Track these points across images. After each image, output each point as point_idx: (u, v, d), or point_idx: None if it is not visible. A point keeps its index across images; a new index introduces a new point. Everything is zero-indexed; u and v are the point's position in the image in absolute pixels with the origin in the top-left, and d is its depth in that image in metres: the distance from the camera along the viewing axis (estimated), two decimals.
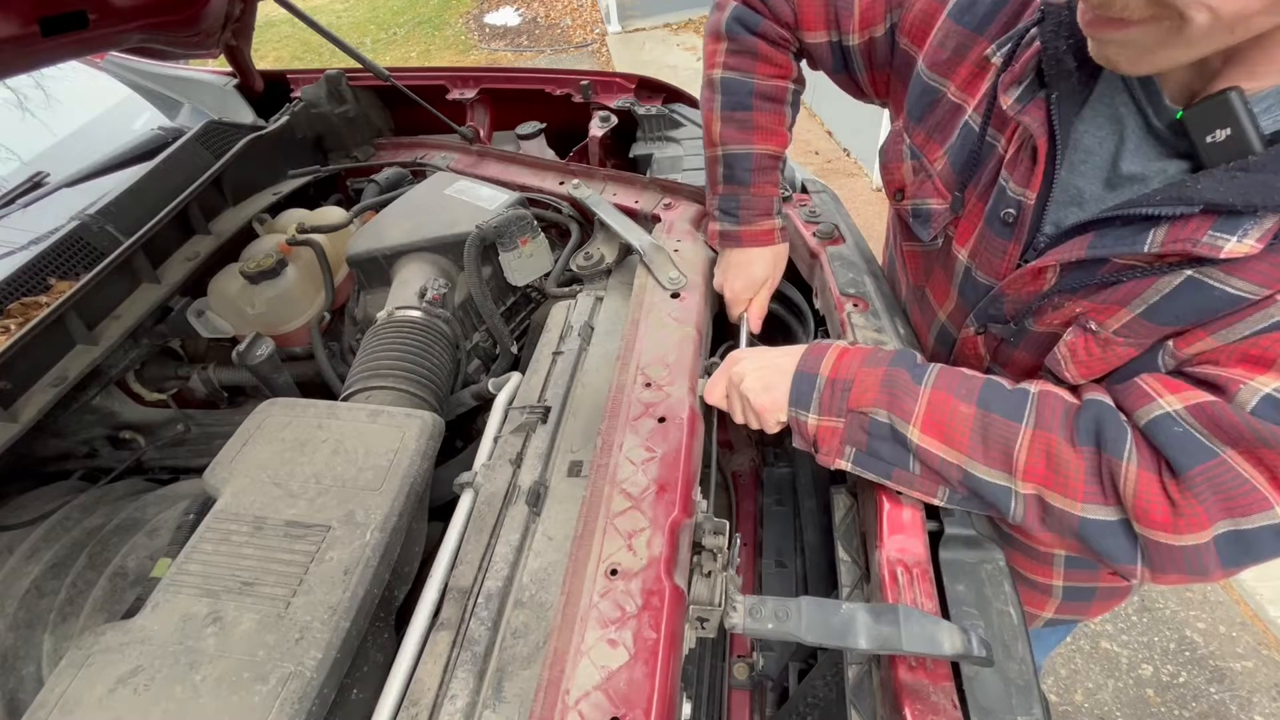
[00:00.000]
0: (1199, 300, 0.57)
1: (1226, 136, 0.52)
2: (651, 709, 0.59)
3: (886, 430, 0.69)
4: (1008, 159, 0.69)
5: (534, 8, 8.12)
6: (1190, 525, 0.56)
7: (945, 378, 0.70)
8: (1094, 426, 0.61)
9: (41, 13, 1.15)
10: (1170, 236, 0.55)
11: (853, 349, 0.76)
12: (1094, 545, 0.62)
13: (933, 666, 0.62)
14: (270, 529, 0.80)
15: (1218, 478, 0.55)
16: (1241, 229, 0.52)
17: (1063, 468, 0.61)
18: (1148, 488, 0.57)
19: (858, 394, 0.71)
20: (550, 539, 0.80)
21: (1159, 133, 0.59)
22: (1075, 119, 0.63)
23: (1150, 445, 0.59)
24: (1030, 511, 0.64)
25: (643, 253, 1.12)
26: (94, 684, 0.67)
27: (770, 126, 0.96)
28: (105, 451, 1.36)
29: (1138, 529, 0.59)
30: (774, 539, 1.21)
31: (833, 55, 0.90)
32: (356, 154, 1.82)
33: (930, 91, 0.77)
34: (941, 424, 0.67)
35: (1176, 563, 0.58)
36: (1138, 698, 1.93)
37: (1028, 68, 0.64)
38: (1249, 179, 0.51)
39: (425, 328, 1.16)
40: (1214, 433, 0.55)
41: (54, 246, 1.27)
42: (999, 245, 0.73)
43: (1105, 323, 0.64)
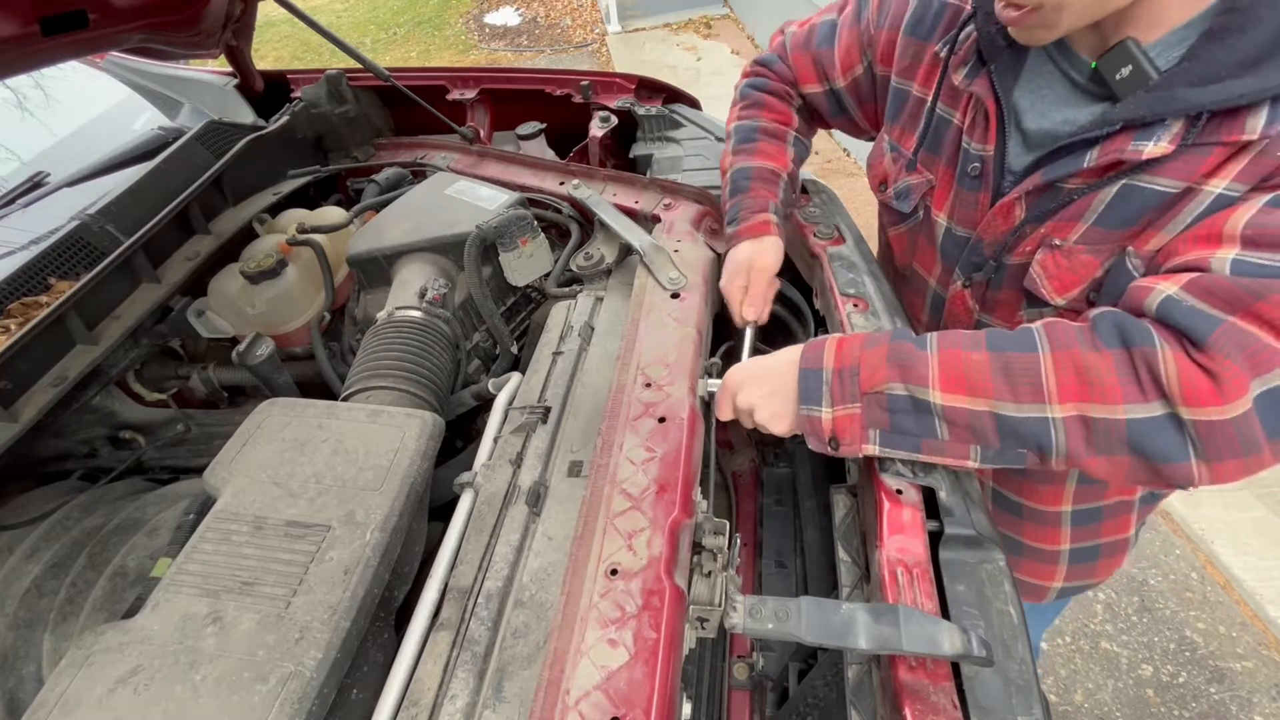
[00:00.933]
0: (1136, 200, 0.70)
1: (1130, 71, 0.67)
2: (651, 709, 0.59)
3: (906, 402, 0.70)
4: (966, 126, 0.84)
5: (534, 8, 8.12)
6: (1234, 389, 0.58)
7: (948, 337, 0.72)
8: (1115, 329, 0.64)
9: (41, 13, 1.15)
10: (1103, 153, 0.69)
11: (849, 337, 0.77)
12: (1146, 447, 0.62)
13: (933, 666, 0.62)
14: (270, 529, 0.80)
15: (1235, 337, 0.59)
16: (1155, 136, 0.66)
17: (1094, 375, 0.63)
18: (1186, 367, 0.59)
19: (867, 375, 0.72)
20: (550, 539, 0.80)
21: (1081, 85, 0.74)
22: (1014, 85, 0.79)
23: (1167, 327, 0.62)
24: (1073, 436, 0.64)
25: (643, 253, 1.12)
26: (94, 684, 0.67)
27: (771, 151, 1.07)
28: (105, 451, 1.36)
29: (1187, 414, 0.59)
30: (774, 539, 1.21)
31: (828, 102, 1.08)
32: (356, 154, 1.82)
33: (900, 94, 0.95)
34: (960, 377, 0.68)
35: (1231, 441, 0.59)
36: (1138, 698, 1.93)
37: (970, 52, 0.81)
38: (1151, 97, 0.66)
39: (425, 328, 1.16)
40: (1211, 302, 0.61)
41: (54, 246, 1.27)
42: (971, 198, 0.86)
43: (1066, 237, 0.76)
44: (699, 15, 6.94)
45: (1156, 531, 2.31)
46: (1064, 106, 0.76)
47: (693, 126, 1.64)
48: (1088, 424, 0.63)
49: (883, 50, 0.95)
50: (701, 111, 1.73)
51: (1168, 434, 0.61)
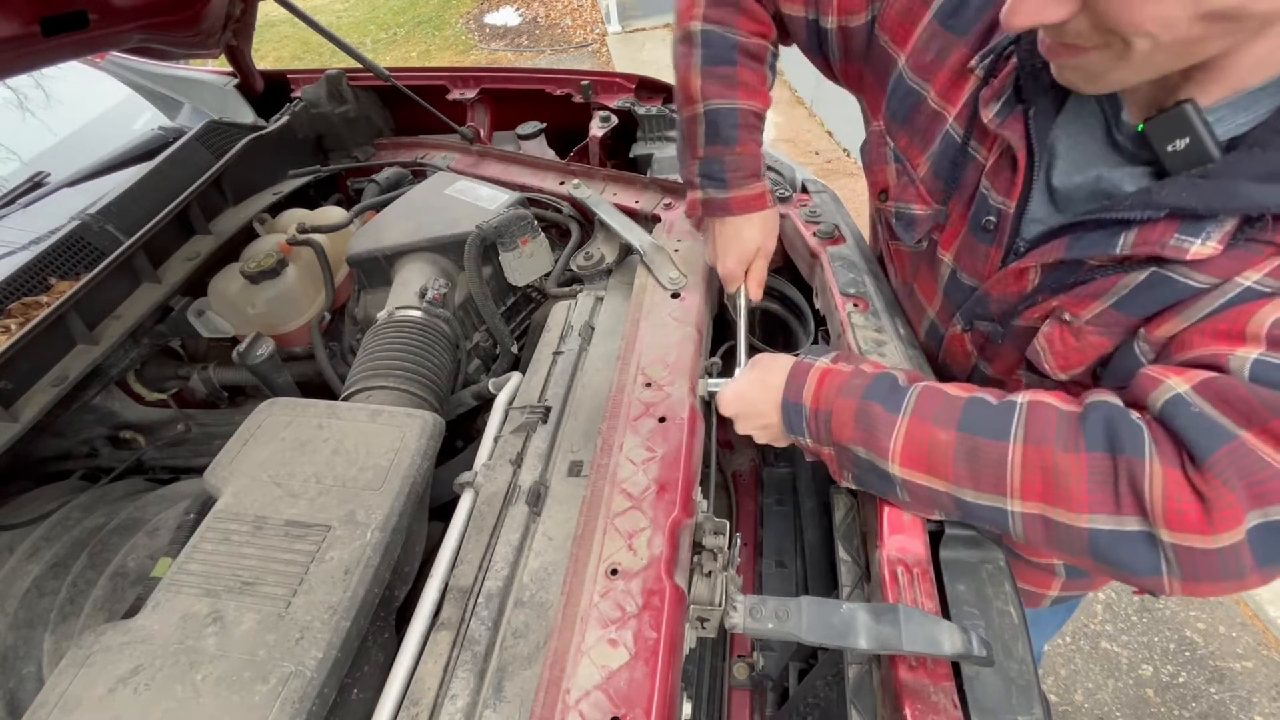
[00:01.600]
0: (1163, 292, 0.61)
1: (1186, 145, 0.55)
2: (652, 709, 0.59)
3: (868, 465, 0.69)
4: (988, 168, 0.72)
5: (534, 8, 8.12)
6: (1225, 521, 0.53)
7: (925, 402, 0.67)
8: (1104, 429, 0.58)
9: (42, 13, 1.15)
10: (1140, 239, 0.59)
11: (832, 371, 0.74)
12: (1108, 558, 0.58)
13: (933, 666, 0.62)
14: (270, 529, 0.80)
15: (1240, 460, 0.52)
16: (1204, 232, 0.56)
17: (1062, 480, 0.58)
18: (1176, 486, 0.54)
19: (837, 428, 0.71)
20: (550, 539, 0.80)
21: (1120, 145, 0.63)
22: (1050, 129, 0.67)
23: (1168, 433, 0.57)
24: (1032, 531, 0.62)
25: (643, 253, 1.12)
26: (94, 683, 0.67)
27: (754, 84, 0.90)
28: (105, 451, 1.36)
29: (1167, 537, 0.55)
30: (774, 539, 1.21)
31: (807, 32, 0.88)
32: (357, 154, 1.82)
33: (912, 95, 0.78)
34: (922, 455, 0.65)
35: (1212, 569, 0.54)
36: (1138, 698, 1.93)
37: (1007, 82, 0.67)
38: (1209, 185, 0.55)
39: (425, 328, 1.16)
40: (1224, 410, 0.54)
41: (54, 246, 1.27)
42: (982, 250, 0.76)
43: (1079, 314, 0.68)
44: None
45: None
46: (1098, 163, 0.65)
47: None
48: (1049, 524, 0.60)
49: (896, 19, 0.78)
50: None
51: (1137, 549, 0.57)
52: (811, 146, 4.66)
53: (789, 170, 1.27)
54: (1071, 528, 0.59)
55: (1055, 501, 0.59)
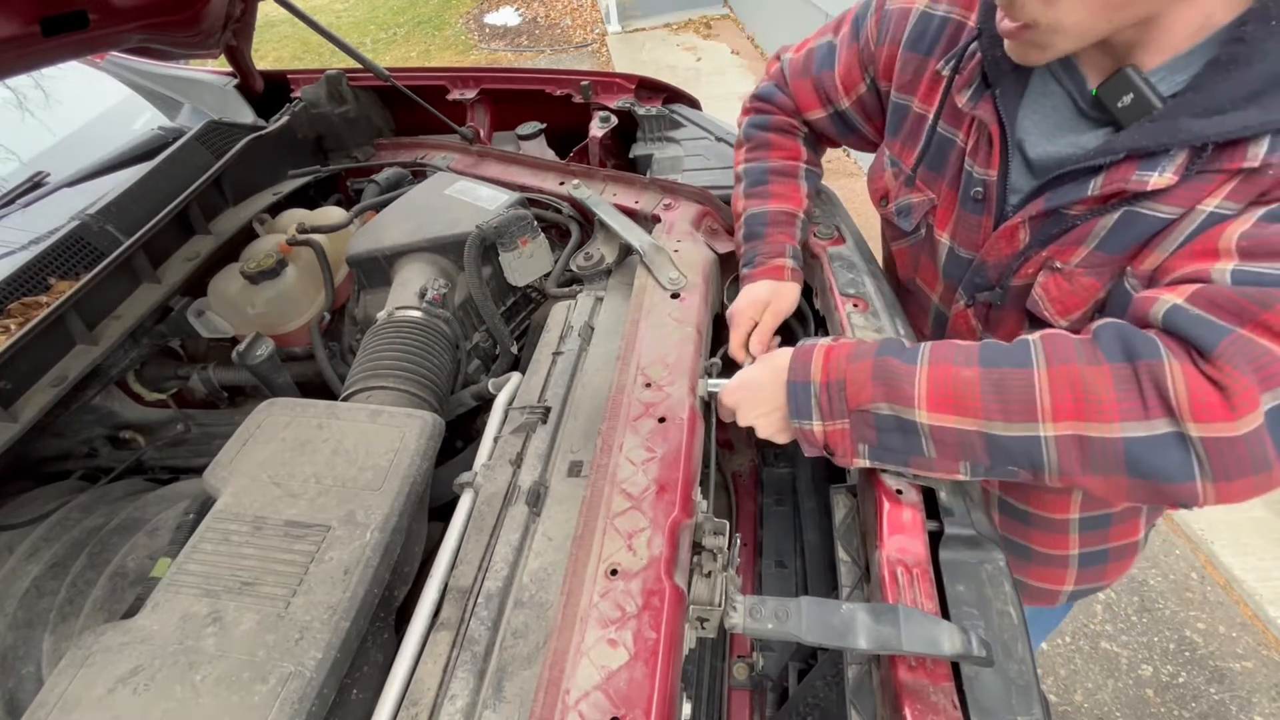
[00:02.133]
0: (1137, 227, 0.70)
1: (1131, 99, 0.67)
2: (651, 709, 0.59)
3: (892, 422, 0.69)
4: (969, 148, 0.83)
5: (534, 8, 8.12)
6: (1244, 403, 0.56)
7: (940, 350, 0.70)
8: (1118, 341, 0.62)
9: (41, 13, 1.15)
10: (1107, 181, 0.69)
11: (837, 345, 0.76)
12: (1145, 468, 0.60)
13: (933, 666, 0.62)
14: (270, 529, 0.80)
15: (1244, 348, 0.57)
16: (1160, 166, 0.65)
17: (1091, 392, 0.61)
18: (1194, 379, 0.58)
19: (854, 391, 0.71)
20: (550, 539, 0.80)
21: (1085, 110, 0.73)
22: (1018, 108, 0.77)
23: (1173, 337, 0.61)
24: (1067, 455, 0.62)
25: (643, 253, 1.12)
26: (94, 684, 0.67)
27: (784, 193, 1.06)
28: (105, 451, 1.36)
29: (1195, 431, 0.57)
30: (774, 539, 1.21)
31: (834, 124, 1.06)
32: (356, 154, 1.82)
33: (900, 109, 0.93)
34: (949, 396, 0.66)
35: (1241, 459, 0.57)
36: (1137, 698, 1.93)
37: (974, 74, 0.79)
38: (1155, 126, 0.65)
39: (425, 328, 1.16)
40: (1217, 313, 0.59)
41: (54, 246, 1.27)
42: (974, 221, 0.85)
43: (1068, 260, 0.76)
44: (699, 15, 6.94)
45: (1156, 531, 2.31)
46: (1068, 131, 0.75)
47: (693, 126, 1.64)
48: (1083, 443, 0.61)
49: (884, 66, 0.93)
50: (701, 111, 1.73)
51: (1170, 453, 0.59)
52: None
53: None
54: (1106, 440, 0.61)
55: (1088, 416, 0.61)
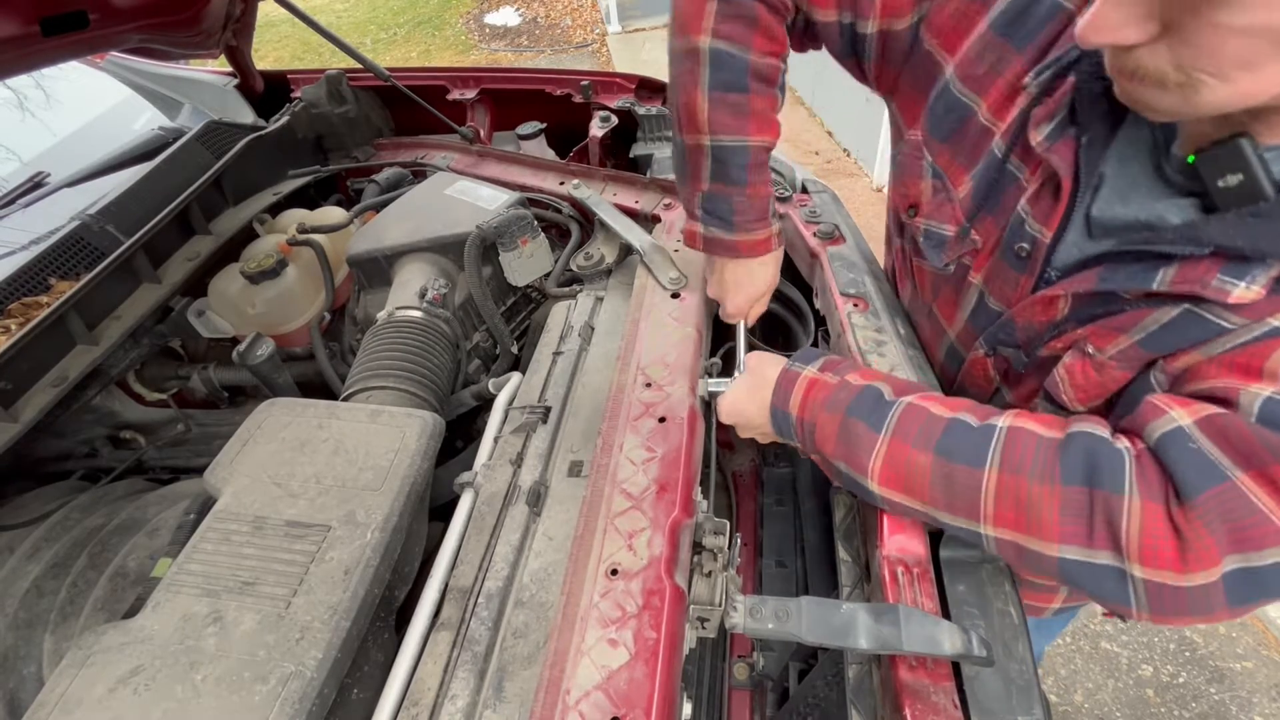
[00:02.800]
0: (1192, 332, 0.58)
1: (1239, 182, 0.52)
2: (652, 709, 0.59)
3: (849, 479, 0.71)
4: (1030, 194, 0.68)
5: (534, 8, 8.12)
6: (1199, 561, 0.52)
7: (906, 422, 0.67)
8: (1084, 461, 0.57)
9: (41, 13, 1.15)
10: (1180, 276, 0.56)
11: (819, 382, 0.74)
12: (1078, 583, 0.58)
13: (933, 666, 0.62)
14: (270, 529, 0.80)
15: (1228, 504, 0.51)
16: (1250, 275, 0.53)
17: (1034, 511, 0.58)
18: (1153, 521, 0.53)
19: (820, 440, 0.72)
20: (550, 539, 0.80)
21: (1169, 177, 0.59)
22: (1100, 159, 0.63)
23: (1157, 467, 0.55)
24: (1005, 552, 0.63)
25: (643, 253, 1.12)
26: (94, 684, 0.67)
27: (766, 113, 0.82)
28: (105, 451, 1.36)
29: (1139, 573, 0.54)
30: (774, 539, 1.21)
31: (839, 37, 0.80)
32: (357, 154, 1.82)
33: (960, 108, 0.72)
34: (900, 476, 0.66)
35: (1180, 605, 0.54)
36: (1138, 698, 1.93)
37: (1061, 104, 0.63)
38: (1260, 225, 0.52)
39: (425, 328, 1.16)
40: (1224, 449, 0.52)
41: (54, 246, 1.27)
42: (1012, 277, 0.73)
43: (1104, 348, 0.65)
44: None
45: None
46: (1144, 194, 0.61)
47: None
48: (1020, 549, 0.61)
49: (947, 23, 0.71)
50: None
51: (1105, 580, 0.57)
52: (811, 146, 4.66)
53: (789, 170, 1.27)
54: (1042, 555, 0.59)
55: (1027, 530, 0.59)
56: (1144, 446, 0.57)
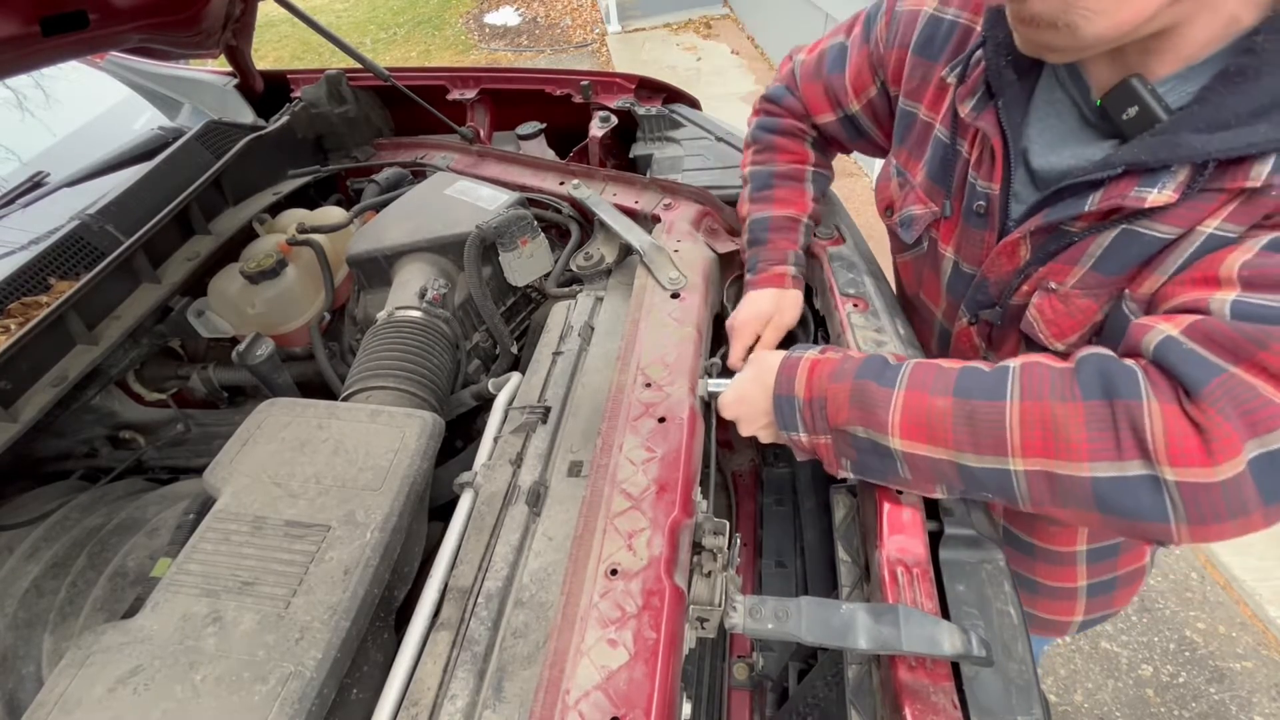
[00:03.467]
0: (1134, 247, 0.67)
1: (1137, 112, 0.64)
2: (651, 709, 0.59)
3: (868, 444, 0.69)
4: (973, 161, 0.80)
5: (534, 8, 8.12)
6: (1223, 450, 0.54)
7: (919, 374, 0.69)
8: (1098, 377, 0.60)
9: (41, 13, 1.15)
10: (1105, 197, 0.66)
11: (821, 360, 0.75)
12: (1115, 507, 0.58)
13: (933, 666, 0.62)
14: (270, 529, 0.80)
15: (1234, 390, 0.54)
16: (1159, 182, 0.63)
17: (1062, 430, 0.59)
18: (1174, 421, 0.56)
19: (833, 411, 0.71)
20: (550, 539, 0.80)
21: (1091, 121, 0.71)
22: (1023, 120, 0.75)
23: (1162, 372, 0.59)
24: (1037, 488, 0.62)
25: (643, 253, 1.12)
26: (94, 684, 0.67)
27: (788, 198, 1.06)
28: (105, 451, 1.36)
29: (1171, 475, 0.55)
30: (774, 539, 1.21)
31: (844, 129, 1.03)
32: (356, 154, 1.82)
33: (907, 115, 0.91)
34: (921, 425, 0.66)
35: (1216, 506, 0.55)
36: (1137, 698, 1.93)
37: (978, 83, 0.77)
38: (1157, 141, 0.62)
39: (425, 328, 1.16)
40: (1212, 349, 0.57)
41: (54, 246, 1.27)
42: (977, 236, 0.83)
43: (1064, 281, 0.74)
44: (699, 15, 6.94)
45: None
46: (1073, 143, 0.72)
47: (693, 126, 1.64)
48: (1051, 479, 0.61)
49: (893, 70, 0.91)
50: (701, 111, 1.73)
51: (1141, 494, 0.57)
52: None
53: None
54: (1075, 479, 0.59)
55: (1056, 454, 0.60)
56: (1145, 360, 0.61)
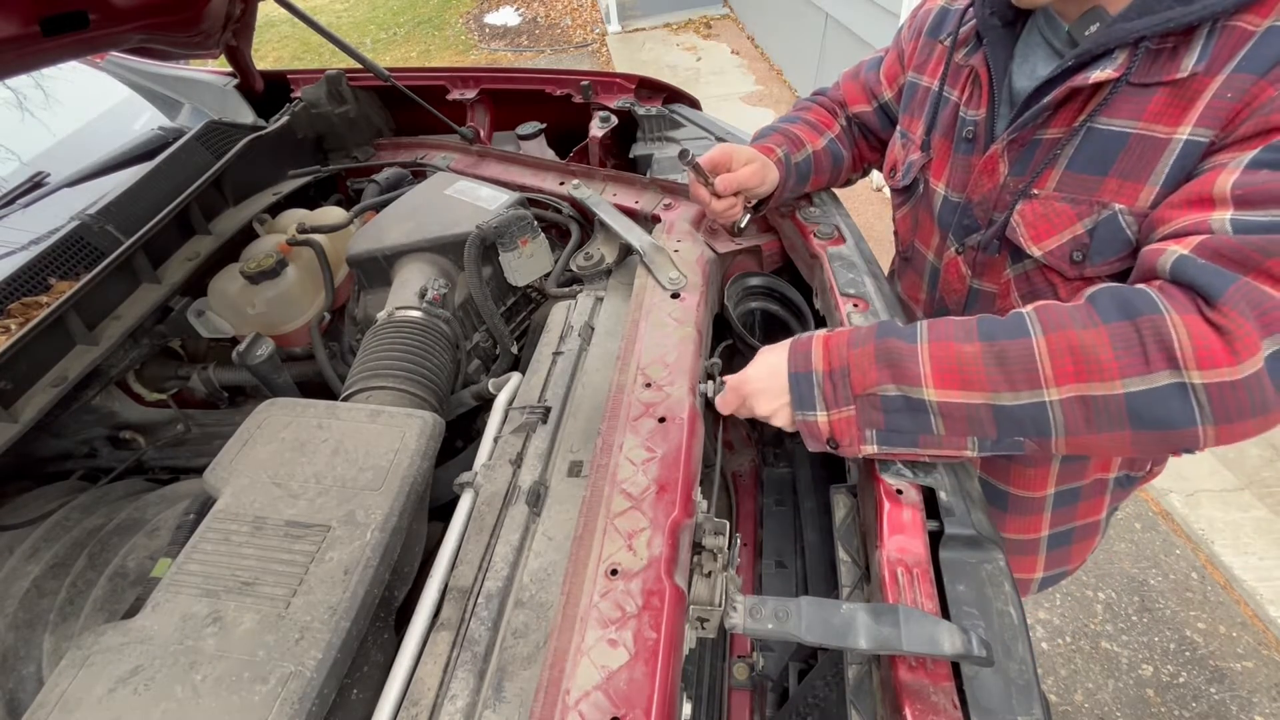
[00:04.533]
0: (1097, 142, 0.76)
1: (1097, 27, 0.75)
2: (652, 709, 0.59)
3: (900, 401, 0.70)
4: (964, 100, 0.92)
5: (534, 8, 8.12)
6: (1245, 348, 0.59)
7: (938, 328, 0.71)
8: (1114, 302, 0.65)
9: (42, 13, 1.15)
10: (1059, 90, 0.76)
11: (834, 334, 0.77)
12: (1148, 418, 0.62)
13: (933, 666, 0.62)
14: (270, 529, 0.80)
15: (1250, 294, 0.60)
16: (1101, 66, 0.73)
17: (1090, 353, 0.63)
18: (1196, 326, 0.60)
19: (859, 377, 0.72)
20: (550, 539, 0.80)
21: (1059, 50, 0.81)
22: (1010, 59, 0.86)
23: (1179, 287, 0.64)
24: (1071, 416, 0.64)
25: (643, 253, 1.12)
26: (94, 684, 0.67)
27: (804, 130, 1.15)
28: (105, 451, 1.36)
29: (1198, 378, 0.60)
30: (774, 539, 1.21)
31: (878, 117, 1.16)
32: (356, 154, 1.82)
33: (912, 87, 1.04)
34: (953, 371, 0.68)
35: (1241, 403, 0.59)
36: (1138, 698, 1.93)
37: (970, 34, 0.90)
38: (1098, 33, 0.73)
39: (425, 328, 1.16)
40: (1222, 262, 0.62)
41: (54, 246, 1.27)
42: (965, 162, 0.92)
43: (1044, 186, 0.81)
44: (699, 15, 6.94)
45: (1156, 531, 2.31)
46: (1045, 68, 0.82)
47: (693, 126, 1.64)
48: (1086, 403, 0.63)
49: (909, 56, 1.05)
50: (701, 111, 1.73)
51: (1171, 402, 0.61)
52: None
53: None
54: (1109, 398, 0.63)
55: (1089, 376, 0.63)
56: (1160, 281, 0.66)
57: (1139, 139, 0.72)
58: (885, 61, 1.12)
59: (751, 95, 5.35)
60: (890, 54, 1.12)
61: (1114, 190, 0.75)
